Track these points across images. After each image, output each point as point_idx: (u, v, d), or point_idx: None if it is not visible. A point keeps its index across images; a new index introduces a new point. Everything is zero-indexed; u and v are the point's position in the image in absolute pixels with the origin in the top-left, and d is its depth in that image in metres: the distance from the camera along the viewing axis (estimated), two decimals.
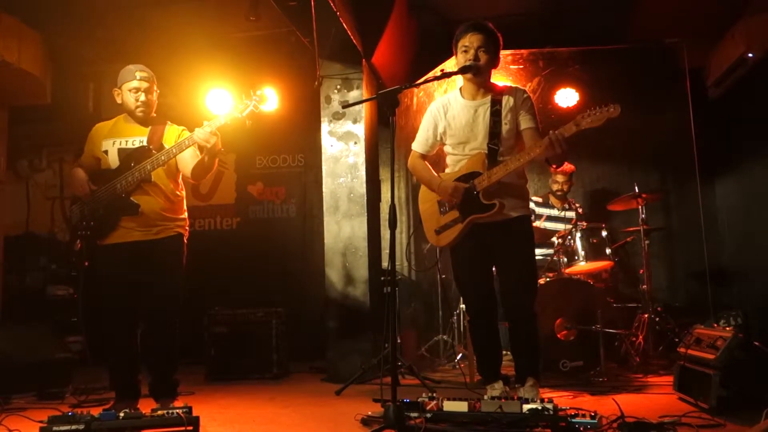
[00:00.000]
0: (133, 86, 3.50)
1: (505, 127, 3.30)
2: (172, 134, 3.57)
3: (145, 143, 3.50)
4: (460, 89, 3.47)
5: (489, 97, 3.35)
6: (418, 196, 3.61)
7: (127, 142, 3.53)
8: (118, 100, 3.57)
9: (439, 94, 4.97)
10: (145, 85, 3.51)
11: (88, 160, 3.63)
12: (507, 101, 3.34)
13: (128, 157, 3.47)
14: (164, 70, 3.71)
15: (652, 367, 4.46)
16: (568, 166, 5.46)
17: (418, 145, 3.57)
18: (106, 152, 3.53)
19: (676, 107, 5.36)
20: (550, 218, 5.44)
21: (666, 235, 6.23)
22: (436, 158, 3.64)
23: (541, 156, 3.12)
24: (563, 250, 4.74)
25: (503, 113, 3.31)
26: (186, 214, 3.66)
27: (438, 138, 3.49)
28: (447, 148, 3.49)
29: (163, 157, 3.41)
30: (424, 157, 3.57)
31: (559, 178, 5.46)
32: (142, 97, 3.50)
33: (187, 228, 3.64)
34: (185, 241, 3.60)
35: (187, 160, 3.52)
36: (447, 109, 3.45)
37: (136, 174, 3.41)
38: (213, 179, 6.75)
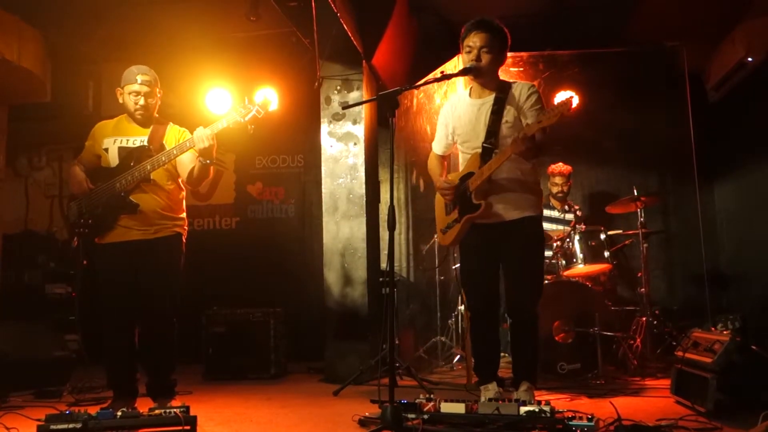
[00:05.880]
0: (133, 90, 3.49)
1: (505, 125, 3.25)
2: (173, 135, 3.56)
3: (145, 143, 3.50)
4: (470, 88, 3.47)
5: (492, 96, 3.32)
6: (435, 197, 3.60)
7: (128, 141, 3.53)
8: (120, 100, 3.58)
9: (439, 95, 4.97)
10: (145, 89, 3.50)
11: (88, 156, 3.63)
12: (510, 99, 3.29)
13: (128, 156, 3.46)
14: (164, 69, 3.70)
15: (650, 370, 4.47)
16: (565, 167, 5.45)
17: (435, 145, 3.60)
18: (106, 150, 3.53)
19: (676, 111, 5.35)
20: (550, 220, 5.44)
21: (664, 239, 6.23)
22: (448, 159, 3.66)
23: (515, 153, 3.08)
24: (562, 253, 4.74)
25: (504, 111, 3.27)
26: (185, 214, 3.66)
27: (450, 138, 3.51)
28: (459, 146, 3.50)
29: (163, 158, 3.40)
30: (443, 157, 3.59)
31: (558, 179, 5.45)
32: (141, 101, 3.50)
33: (185, 228, 3.63)
34: (184, 240, 3.60)
35: (186, 164, 3.52)
36: (455, 108, 3.46)
37: (136, 174, 3.40)
38: (213, 179, 6.76)
